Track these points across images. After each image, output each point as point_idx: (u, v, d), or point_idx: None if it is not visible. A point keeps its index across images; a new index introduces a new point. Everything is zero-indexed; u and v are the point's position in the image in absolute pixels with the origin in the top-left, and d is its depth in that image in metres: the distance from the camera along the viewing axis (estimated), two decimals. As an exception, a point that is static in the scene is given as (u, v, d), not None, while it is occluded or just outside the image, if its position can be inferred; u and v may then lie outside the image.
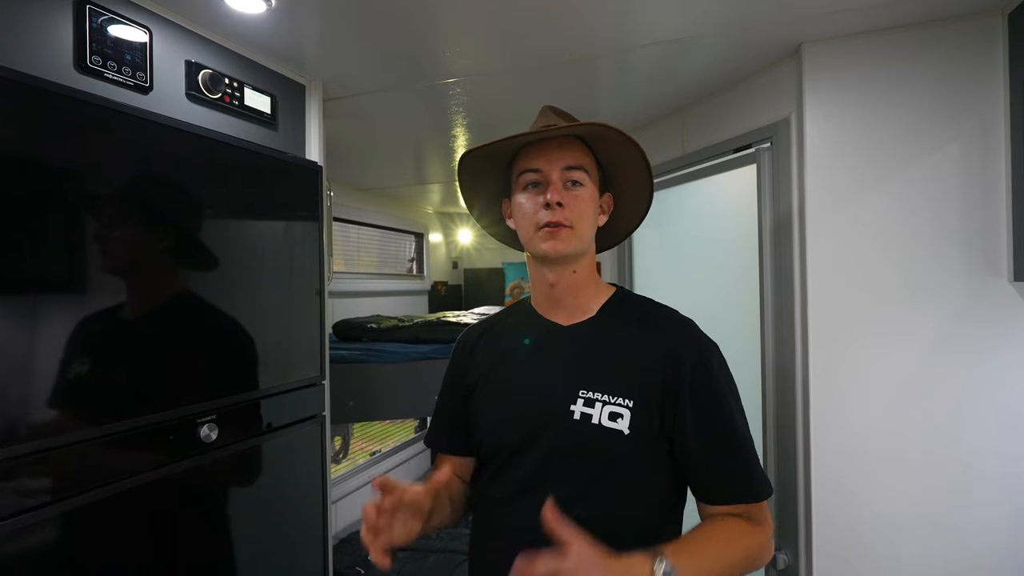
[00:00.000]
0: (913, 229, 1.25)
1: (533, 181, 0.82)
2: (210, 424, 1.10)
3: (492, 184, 0.92)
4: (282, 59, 1.37)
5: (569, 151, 0.82)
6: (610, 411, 0.77)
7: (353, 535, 2.75)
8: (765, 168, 1.44)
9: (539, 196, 0.81)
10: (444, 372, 0.99)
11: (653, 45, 1.33)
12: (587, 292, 0.87)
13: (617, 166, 0.87)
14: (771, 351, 1.43)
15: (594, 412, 0.78)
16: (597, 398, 0.78)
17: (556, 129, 0.79)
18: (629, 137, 0.80)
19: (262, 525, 1.25)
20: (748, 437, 0.81)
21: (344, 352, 2.16)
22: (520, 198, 0.84)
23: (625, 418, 0.77)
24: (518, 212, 0.84)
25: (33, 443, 0.82)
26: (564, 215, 0.79)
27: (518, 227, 0.86)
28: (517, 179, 0.85)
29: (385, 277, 3.56)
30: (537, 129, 0.80)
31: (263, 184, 1.28)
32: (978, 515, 1.22)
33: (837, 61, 1.29)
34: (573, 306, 0.86)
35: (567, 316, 0.87)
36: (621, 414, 0.77)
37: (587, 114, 1.89)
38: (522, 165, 0.84)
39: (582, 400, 0.79)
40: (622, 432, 0.76)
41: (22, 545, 0.81)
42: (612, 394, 0.78)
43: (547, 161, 0.81)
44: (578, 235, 0.81)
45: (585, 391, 0.79)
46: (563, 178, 0.81)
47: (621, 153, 0.84)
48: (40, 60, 0.89)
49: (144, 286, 1.00)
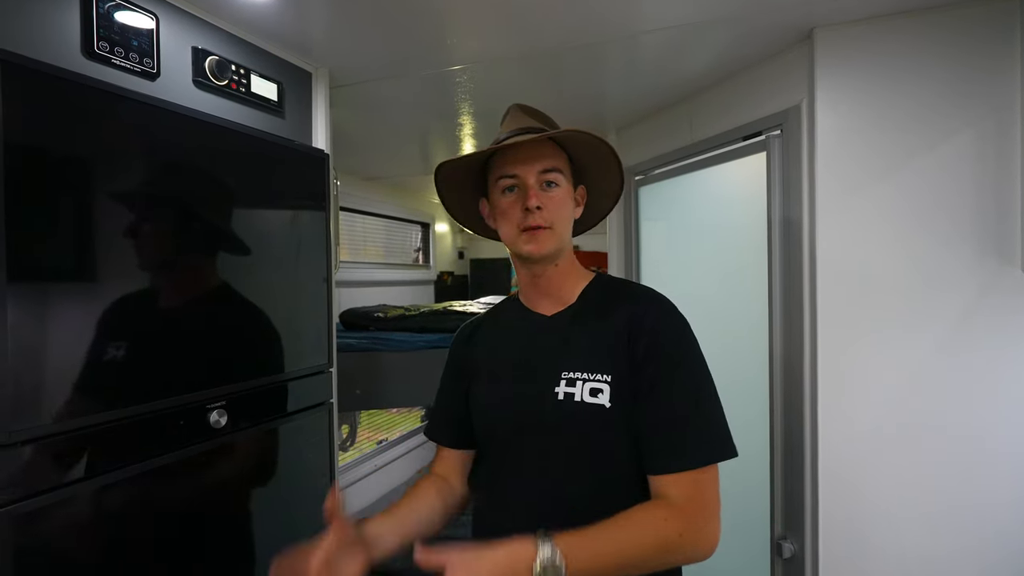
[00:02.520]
0: (924, 218, 1.24)
1: (510, 185, 0.86)
2: (219, 410, 1.11)
3: (469, 185, 0.96)
4: (288, 46, 1.36)
5: (543, 153, 0.85)
6: (591, 387, 0.80)
7: (360, 522, 2.77)
8: (775, 156, 1.42)
9: (517, 200, 0.85)
10: None
11: (661, 31, 1.31)
12: (568, 282, 0.91)
13: (589, 163, 0.91)
14: (779, 341, 1.42)
15: (575, 391, 0.81)
16: (577, 377, 0.81)
17: (531, 137, 0.82)
18: (601, 140, 0.84)
19: (272, 510, 1.26)
20: (706, 406, 0.79)
21: (351, 341, 2.17)
22: (499, 202, 0.88)
23: (605, 392, 0.79)
24: (499, 215, 0.89)
25: (57, 424, 0.83)
26: (543, 217, 0.83)
27: (499, 229, 0.90)
28: (495, 183, 0.88)
29: (391, 267, 3.56)
30: (511, 132, 0.85)
31: (271, 172, 1.28)
32: (986, 506, 1.21)
33: (851, 46, 1.27)
34: (556, 296, 0.91)
35: (550, 306, 0.91)
36: (601, 389, 0.80)
37: (594, 101, 1.88)
38: (499, 171, 0.87)
39: (564, 381, 0.82)
40: (603, 406, 0.79)
41: (42, 523, 0.82)
42: (591, 371, 0.81)
43: (523, 166, 0.84)
44: (557, 234, 0.85)
45: (566, 372, 0.82)
46: (539, 180, 0.84)
47: (593, 152, 0.88)
48: (48, 46, 0.88)
49: (155, 273, 1.00)
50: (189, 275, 1.08)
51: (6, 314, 0.78)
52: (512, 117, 0.93)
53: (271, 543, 1.26)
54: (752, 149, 1.51)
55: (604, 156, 0.88)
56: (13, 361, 0.79)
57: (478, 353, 0.97)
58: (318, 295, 1.41)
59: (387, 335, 2.21)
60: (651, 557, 0.71)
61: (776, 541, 1.40)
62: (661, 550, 0.71)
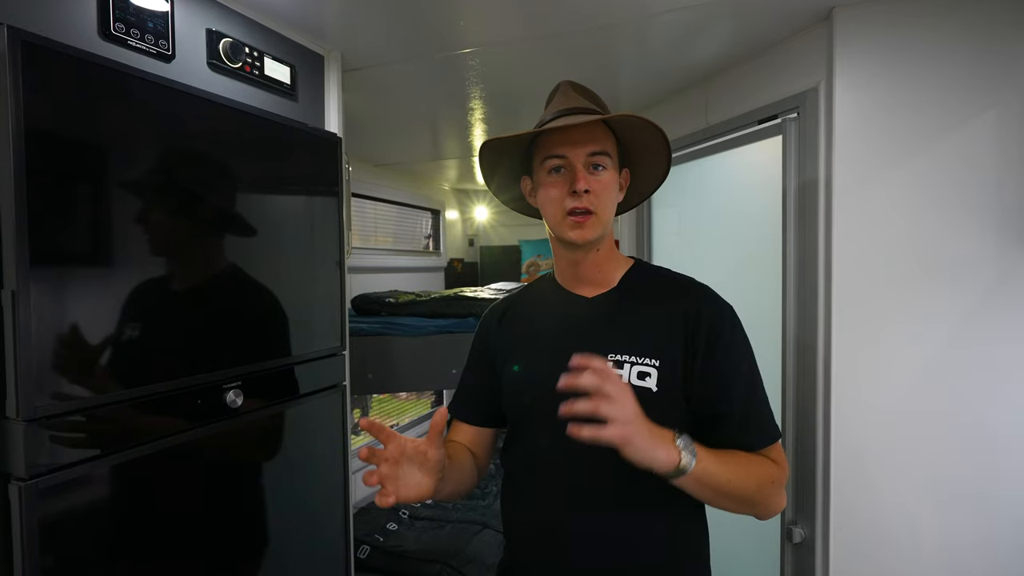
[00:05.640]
0: (943, 202, 1.22)
1: (557, 166, 0.84)
2: (236, 390, 1.12)
3: (510, 163, 0.95)
4: (301, 28, 1.36)
5: (592, 135, 0.83)
6: (639, 371, 0.81)
7: (371, 504, 2.82)
8: (791, 139, 1.40)
9: (564, 181, 0.83)
10: (461, 346, 1.02)
11: (674, 11, 1.29)
12: (608, 266, 0.91)
13: (637, 146, 0.89)
14: (792, 326, 1.41)
15: (623, 372, 0.81)
16: (625, 359, 0.82)
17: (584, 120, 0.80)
18: (655, 125, 0.83)
19: (286, 490, 1.28)
20: (762, 388, 0.85)
21: (363, 325, 2.19)
22: (545, 182, 0.86)
23: (653, 376, 0.80)
24: (543, 197, 0.87)
25: (79, 402, 0.85)
26: (590, 200, 0.82)
27: (544, 211, 0.89)
28: (541, 163, 0.86)
29: (402, 253, 3.57)
30: (559, 112, 0.84)
31: (285, 155, 1.28)
32: (1001, 495, 1.21)
33: (871, 26, 1.25)
34: (596, 280, 0.91)
35: (591, 289, 0.91)
36: (649, 373, 0.80)
37: (607, 85, 1.86)
38: (546, 150, 0.85)
39: (611, 363, 0.81)
40: (651, 389, 0.80)
41: (65, 497, 0.84)
42: (639, 355, 0.82)
43: (572, 147, 0.83)
44: (601, 220, 0.84)
45: (613, 354, 0.82)
46: (588, 163, 0.83)
47: (644, 136, 0.86)
48: (66, 27, 0.89)
49: (171, 255, 1.02)
50: (204, 257, 1.10)
51: (29, 295, 0.79)
52: (562, 94, 0.90)
53: (287, 520, 1.29)
54: (768, 132, 1.50)
55: (654, 141, 0.86)
56: (37, 340, 0.80)
57: (514, 332, 0.96)
58: (331, 279, 1.42)
59: (398, 320, 2.22)
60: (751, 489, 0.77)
61: (787, 526, 1.41)
62: (759, 487, 0.77)
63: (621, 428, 0.65)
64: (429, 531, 2.58)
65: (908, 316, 1.25)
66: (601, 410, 0.65)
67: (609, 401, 0.66)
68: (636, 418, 0.68)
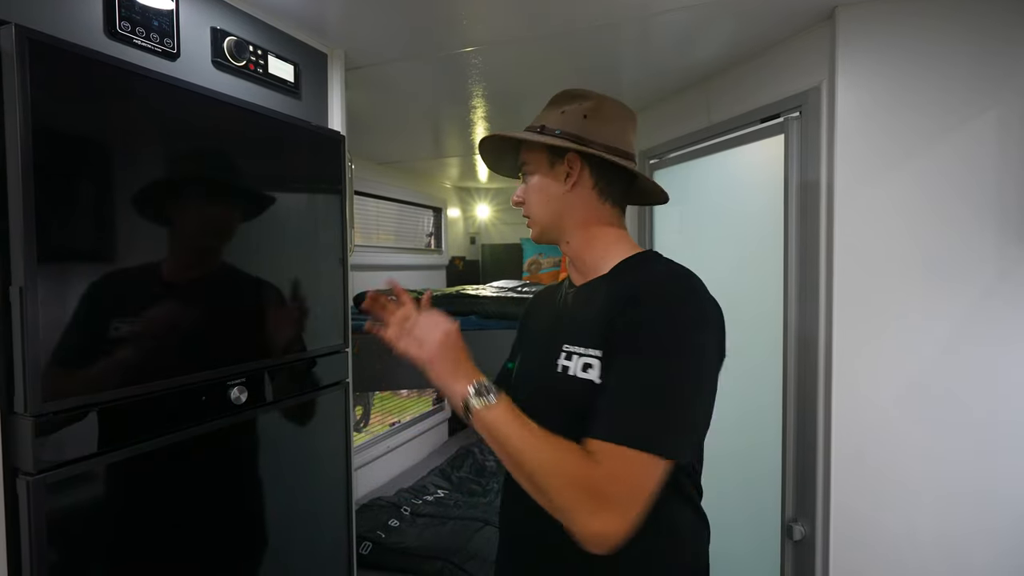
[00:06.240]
0: (945, 201, 1.22)
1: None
2: (240, 386, 1.13)
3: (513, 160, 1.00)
4: (305, 27, 1.37)
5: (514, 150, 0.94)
6: (583, 362, 0.79)
7: (373, 501, 2.83)
8: (793, 138, 1.41)
9: None
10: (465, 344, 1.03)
11: (677, 11, 1.29)
12: (593, 255, 0.88)
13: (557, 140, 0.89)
14: (793, 324, 1.42)
15: (571, 364, 0.80)
16: (574, 351, 0.81)
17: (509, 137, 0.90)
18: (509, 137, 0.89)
19: (289, 485, 1.29)
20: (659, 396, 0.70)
21: (365, 322, 2.19)
22: None
23: (595, 367, 0.77)
24: None
25: (86, 398, 0.86)
26: (525, 208, 0.92)
27: None
28: None
29: (404, 251, 3.58)
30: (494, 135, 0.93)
31: (289, 153, 1.29)
32: (1000, 491, 1.21)
33: (874, 25, 1.25)
34: (583, 270, 0.91)
35: (581, 278, 0.92)
36: (592, 364, 0.78)
37: (609, 85, 1.86)
38: None
39: (564, 355, 0.82)
40: (593, 382, 0.76)
41: (71, 492, 0.85)
42: (585, 346, 0.80)
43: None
44: (537, 220, 0.91)
45: (567, 345, 0.82)
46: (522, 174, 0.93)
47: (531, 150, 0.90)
48: (72, 26, 0.90)
49: (180, 252, 1.02)
50: (209, 255, 1.10)
51: (37, 292, 0.80)
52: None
53: (290, 516, 1.30)
54: (770, 132, 1.50)
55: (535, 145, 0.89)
56: (44, 337, 0.81)
57: (527, 325, 1.03)
58: (334, 276, 1.42)
59: (400, 318, 2.22)
60: (545, 473, 0.68)
61: (787, 523, 1.42)
62: (556, 475, 0.67)
63: (425, 350, 0.78)
64: (431, 528, 2.59)
65: (909, 314, 1.25)
66: (414, 332, 0.80)
67: (417, 326, 0.80)
68: (442, 346, 0.77)
